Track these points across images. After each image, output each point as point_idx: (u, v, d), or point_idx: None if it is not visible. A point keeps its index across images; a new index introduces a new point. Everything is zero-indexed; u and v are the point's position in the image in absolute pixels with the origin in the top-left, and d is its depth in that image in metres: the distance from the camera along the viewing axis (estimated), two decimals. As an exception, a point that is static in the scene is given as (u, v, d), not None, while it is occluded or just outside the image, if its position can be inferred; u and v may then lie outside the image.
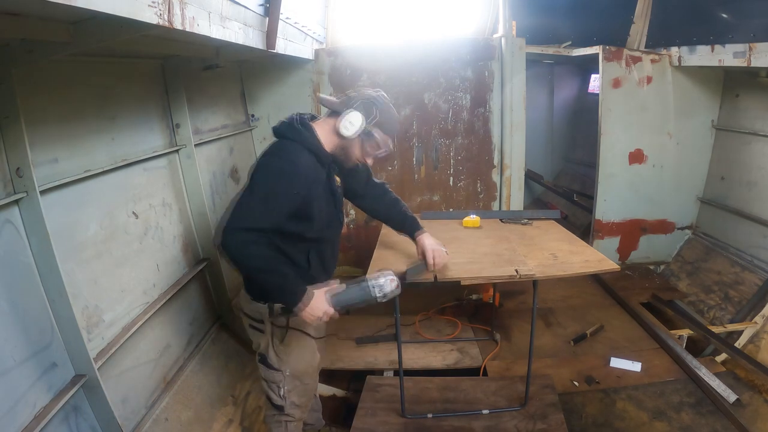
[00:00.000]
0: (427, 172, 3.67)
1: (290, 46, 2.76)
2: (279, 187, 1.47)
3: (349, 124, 1.55)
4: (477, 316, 3.17)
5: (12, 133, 1.46)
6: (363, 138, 1.59)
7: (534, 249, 2.17)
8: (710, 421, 2.17)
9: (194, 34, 1.49)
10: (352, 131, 1.56)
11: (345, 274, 3.88)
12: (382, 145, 1.62)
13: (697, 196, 3.77)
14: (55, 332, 1.60)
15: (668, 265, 3.83)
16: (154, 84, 2.39)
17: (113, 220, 2.00)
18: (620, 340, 2.83)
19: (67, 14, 1.24)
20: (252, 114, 3.57)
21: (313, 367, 1.83)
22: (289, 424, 1.84)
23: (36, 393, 1.51)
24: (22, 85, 1.48)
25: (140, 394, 2.00)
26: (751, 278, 3.09)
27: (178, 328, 2.37)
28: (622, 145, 3.66)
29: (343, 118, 1.56)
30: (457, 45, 3.47)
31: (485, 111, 3.54)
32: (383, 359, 2.70)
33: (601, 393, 2.40)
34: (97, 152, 1.91)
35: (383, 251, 2.22)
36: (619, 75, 3.54)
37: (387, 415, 2.21)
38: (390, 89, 3.48)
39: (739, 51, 2.82)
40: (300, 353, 1.76)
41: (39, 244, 1.54)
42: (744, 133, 3.33)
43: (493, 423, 2.14)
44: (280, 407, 1.80)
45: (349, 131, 1.56)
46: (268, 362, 1.73)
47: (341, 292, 1.55)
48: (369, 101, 1.59)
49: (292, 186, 1.48)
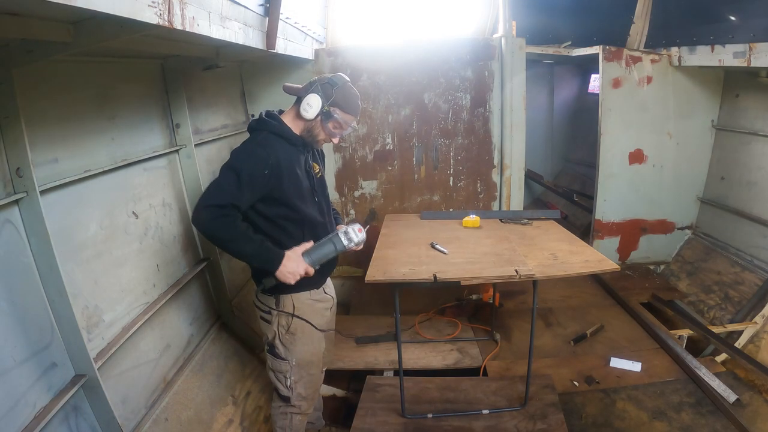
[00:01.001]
0: (427, 172, 3.67)
1: (290, 46, 2.76)
2: (247, 167, 1.57)
3: (308, 106, 1.67)
4: (477, 316, 3.17)
5: (12, 133, 1.45)
6: (323, 118, 1.69)
7: (534, 249, 2.17)
8: (710, 421, 2.17)
9: (194, 34, 1.49)
10: (311, 113, 1.67)
11: (345, 274, 3.89)
12: (344, 124, 1.73)
13: (697, 196, 3.77)
14: (55, 332, 1.60)
15: (668, 265, 3.83)
16: (154, 84, 2.39)
17: (113, 220, 1.99)
18: (620, 340, 2.83)
19: (67, 14, 1.24)
20: (252, 114, 3.57)
21: (318, 356, 1.88)
22: (294, 416, 1.87)
23: (36, 393, 1.50)
24: (22, 85, 1.47)
25: (140, 394, 2.00)
26: (751, 278, 3.09)
27: (178, 328, 2.37)
28: (622, 145, 3.66)
29: (302, 101, 1.67)
30: (457, 45, 3.47)
31: (485, 111, 3.54)
32: (383, 359, 2.70)
33: (601, 393, 2.40)
34: (97, 152, 1.91)
35: (383, 251, 2.22)
36: (619, 75, 3.54)
37: (387, 415, 2.22)
38: (390, 89, 3.52)
39: (739, 51, 2.82)
40: (305, 342, 1.82)
41: (39, 244, 1.54)
42: (744, 133, 3.33)
43: (493, 423, 2.14)
44: (286, 398, 1.86)
45: (308, 113, 1.67)
46: (276, 351, 1.81)
47: (314, 248, 1.70)
48: (327, 83, 1.68)
49: (260, 165, 1.58)
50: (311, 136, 1.73)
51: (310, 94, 1.67)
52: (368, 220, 2.03)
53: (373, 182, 3.69)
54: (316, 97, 1.66)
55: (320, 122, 1.70)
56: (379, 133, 3.60)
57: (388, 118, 3.57)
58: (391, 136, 3.60)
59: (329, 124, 1.71)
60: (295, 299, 1.78)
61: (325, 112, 1.68)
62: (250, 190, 1.57)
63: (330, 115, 1.68)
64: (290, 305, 1.78)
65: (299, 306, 1.79)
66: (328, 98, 1.67)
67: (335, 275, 3.89)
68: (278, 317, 1.79)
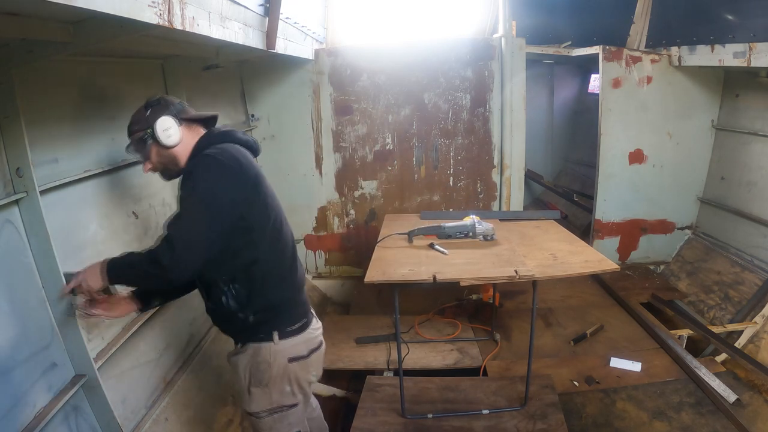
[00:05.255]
0: (427, 172, 3.67)
1: (290, 46, 2.76)
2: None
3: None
4: (477, 316, 3.17)
5: (12, 133, 1.45)
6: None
7: (534, 249, 2.17)
8: (710, 421, 2.17)
9: (194, 34, 1.49)
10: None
11: (345, 273, 3.89)
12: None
13: (697, 196, 3.77)
14: (55, 332, 1.60)
15: (668, 265, 3.83)
16: (154, 84, 2.39)
17: (113, 220, 2.00)
18: (620, 340, 2.83)
19: (67, 14, 1.24)
20: (252, 114, 3.57)
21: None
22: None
23: (36, 393, 1.50)
24: (22, 85, 1.47)
25: (140, 394, 2.00)
26: (751, 278, 3.09)
27: (178, 328, 2.37)
28: (622, 145, 3.66)
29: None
30: (457, 45, 3.47)
31: (485, 111, 3.54)
32: (383, 359, 2.70)
33: (601, 393, 2.39)
34: (97, 152, 1.91)
35: (383, 251, 2.22)
36: (619, 75, 3.54)
37: (387, 415, 2.21)
38: (390, 89, 3.52)
39: (739, 51, 2.82)
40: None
41: (39, 244, 1.54)
42: (744, 133, 3.33)
43: (493, 423, 2.14)
44: None
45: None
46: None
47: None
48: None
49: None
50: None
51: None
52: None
53: (373, 182, 3.69)
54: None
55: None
56: (379, 133, 3.60)
57: (388, 118, 3.57)
58: (391, 136, 3.61)
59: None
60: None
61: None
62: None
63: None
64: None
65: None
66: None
67: (335, 275, 3.95)
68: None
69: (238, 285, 1.44)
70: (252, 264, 1.43)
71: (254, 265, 1.44)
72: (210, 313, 1.59)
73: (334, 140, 3.62)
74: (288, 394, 1.55)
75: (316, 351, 1.61)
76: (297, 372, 1.54)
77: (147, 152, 1.48)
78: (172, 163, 1.49)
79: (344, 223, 3.80)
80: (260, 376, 1.50)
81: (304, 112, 3.58)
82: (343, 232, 3.81)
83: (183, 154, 1.47)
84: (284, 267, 1.52)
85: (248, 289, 1.45)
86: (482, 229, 2.26)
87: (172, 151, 1.47)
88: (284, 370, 1.51)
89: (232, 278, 1.44)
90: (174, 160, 1.49)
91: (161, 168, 1.52)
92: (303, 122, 3.59)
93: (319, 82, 3.51)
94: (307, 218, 3.77)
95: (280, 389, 1.53)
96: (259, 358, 1.49)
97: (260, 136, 3.60)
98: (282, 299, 1.51)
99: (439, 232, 2.28)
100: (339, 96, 3.54)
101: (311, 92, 3.53)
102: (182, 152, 1.47)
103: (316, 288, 3.85)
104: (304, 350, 1.55)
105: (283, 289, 1.51)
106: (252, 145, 1.54)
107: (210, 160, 1.36)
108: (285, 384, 1.53)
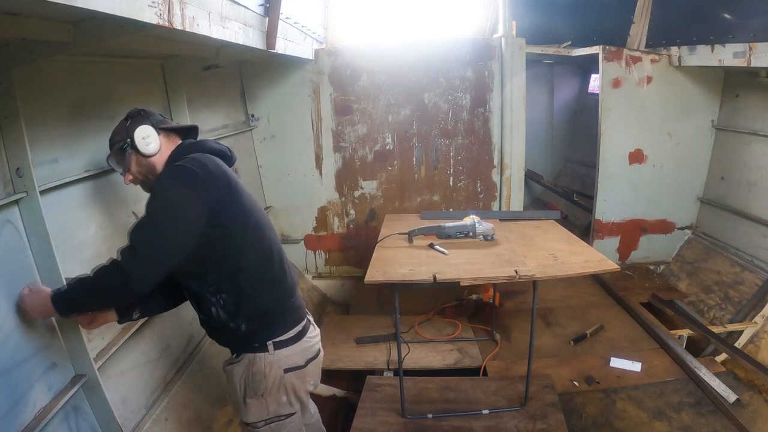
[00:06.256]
0: (427, 172, 3.67)
1: (290, 46, 2.76)
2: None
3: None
4: (477, 316, 3.17)
5: (12, 133, 1.45)
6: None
7: (534, 249, 2.17)
8: (710, 421, 2.17)
9: (194, 34, 1.49)
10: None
11: (345, 273, 3.89)
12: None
13: (697, 196, 3.77)
14: (55, 332, 1.60)
15: (668, 265, 3.83)
16: (154, 84, 2.39)
17: (113, 220, 1.99)
18: (620, 340, 2.83)
19: (67, 14, 1.24)
20: (252, 114, 3.58)
21: None
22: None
23: (36, 393, 1.50)
24: (22, 85, 1.47)
25: (140, 394, 2.00)
26: (751, 278, 3.09)
27: (178, 328, 2.37)
28: (622, 145, 3.66)
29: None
30: (457, 45, 3.47)
31: (485, 111, 3.54)
32: (383, 359, 2.70)
33: (601, 393, 2.40)
34: (97, 152, 1.91)
35: (383, 251, 2.22)
36: (619, 75, 3.54)
37: (387, 415, 2.21)
38: (390, 89, 3.52)
39: (739, 51, 2.82)
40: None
41: (39, 244, 1.54)
42: (744, 133, 3.33)
43: (493, 423, 2.14)
44: None
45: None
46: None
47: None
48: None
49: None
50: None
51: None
52: None
53: (373, 182, 3.69)
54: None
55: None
56: (379, 133, 3.60)
57: (388, 118, 3.57)
58: (391, 136, 3.61)
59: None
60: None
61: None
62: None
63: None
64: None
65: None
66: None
67: (335, 275, 3.95)
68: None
69: (225, 294, 1.42)
70: (237, 272, 1.41)
71: (239, 273, 1.41)
72: (204, 326, 1.57)
73: (334, 140, 3.62)
74: (285, 404, 1.52)
75: (314, 360, 1.58)
76: (294, 382, 1.51)
77: (127, 162, 1.48)
78: (151, 173, 1.48)
79: (344, 223, 3.80)
80: (256, 386, 1.47)
81: (304, 112, 3.58)
82: (343, 232, 3.82)
83: (161, 164, 1.47)
84: (271, 272, 1.49)
85: (236, 298, 1.42)
86: (482, 229, 2.26)
87: (151, 161, 1.46)
88: (280, 380, 1.48)
89: (218, 288, 1.42)
90: (153, 170, 1.47)
91: (141, 178, 1.51)
92: (303, 122, 3.59)
93: (319, 82, 3.52)
94: (307, 218, 3.77)
95: (277, 399, 1.51)
96: (254, 369, 1.47)
97: (260, 136, 3.61)
98: (272, 305, 1.48)
99: (439, 232, 2.28)
100: (339, 96, 3.54)
101: (311, 92, 3.53)
102: (160, 162, 1.47)
103: (316, 288, 3.85)
104: (301, 360, 1.52)
105: (272, 294, 1.48)
106: (225, 153, 1.52)
107: (176, 168, 1.36)
108: (281, 394, 1.51)
